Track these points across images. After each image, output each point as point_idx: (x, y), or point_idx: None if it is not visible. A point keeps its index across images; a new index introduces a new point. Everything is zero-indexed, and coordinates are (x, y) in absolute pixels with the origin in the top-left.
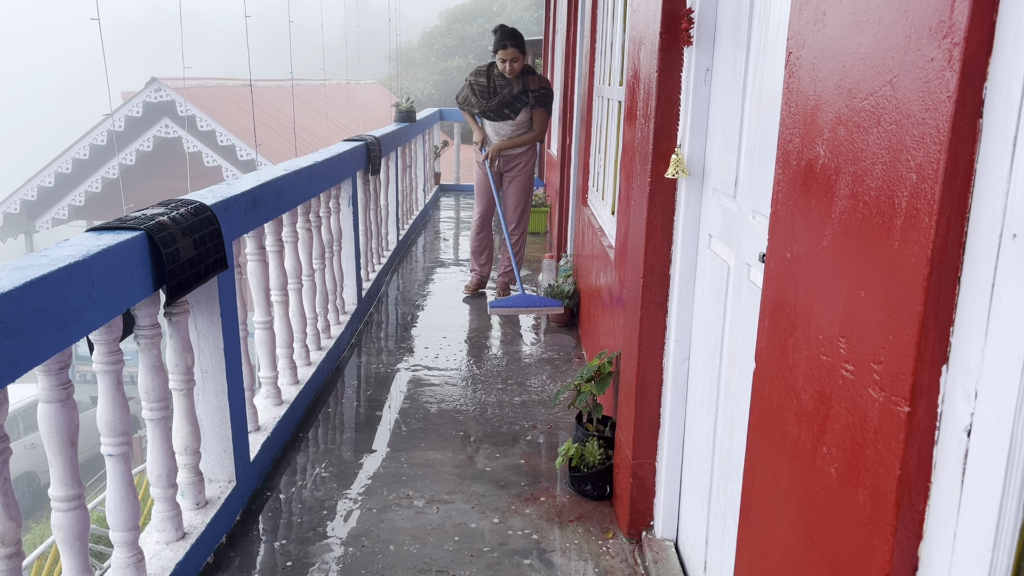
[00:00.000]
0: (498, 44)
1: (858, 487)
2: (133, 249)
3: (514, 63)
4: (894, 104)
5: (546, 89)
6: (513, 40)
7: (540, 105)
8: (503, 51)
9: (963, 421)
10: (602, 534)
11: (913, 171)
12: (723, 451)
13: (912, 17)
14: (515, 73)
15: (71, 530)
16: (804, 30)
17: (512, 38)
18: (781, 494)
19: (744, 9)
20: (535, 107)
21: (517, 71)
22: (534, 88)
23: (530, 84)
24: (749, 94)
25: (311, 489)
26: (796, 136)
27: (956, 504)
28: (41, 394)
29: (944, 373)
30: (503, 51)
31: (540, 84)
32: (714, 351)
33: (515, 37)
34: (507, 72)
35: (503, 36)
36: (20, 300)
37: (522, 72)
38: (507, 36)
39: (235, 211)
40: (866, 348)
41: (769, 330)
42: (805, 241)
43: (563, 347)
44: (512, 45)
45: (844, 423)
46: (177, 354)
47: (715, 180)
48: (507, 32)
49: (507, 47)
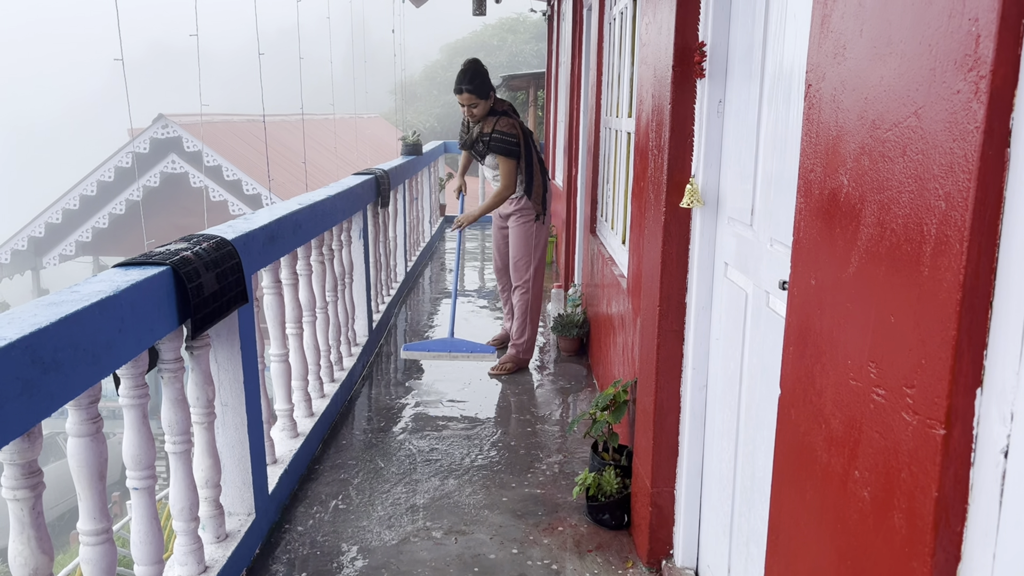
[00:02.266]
0: (455, 89)
1: (893, 510)
2: (160, 284)
3: (472, 108)
4: (920, 135)
5: (500, 134)
6: (468, 84)
7: (496, 152)
8: (458, 96)
9: (1000, 443)
10: (622, 563)
11: (942, 199)
12: (744, 477)
13: (936, 51)
14: (477, 118)
15: (99, 564)
16: (823, 63)
17: (467, 81)
18: (811, 519)
19: (757, 43)
20: (495, 153)
21: (478, 116)
22: (487, 132)
23: (485, 127)
24: (764, 125)
25: (329, 521)
26: (818, 166)
27: (995, 525)
28: (71, 428)
29: (979, 396)
30: (458, 96)
31: (495, 128)
32: (733, 378)
33: (471, 80)
34: (468, 116)
35: (457, 80)
36: (56, 335)
37: (490, 113)
38: (460, 79)
39: (254, 245)
40: (898, 372)
41: (794, 356)
42: (830, 268)
43: (574, 376)
44: (467, 90)
45: (877, 447)
46: (198, 387)
47: (730, 209)
48: (462, 74)
49: (461, 92)
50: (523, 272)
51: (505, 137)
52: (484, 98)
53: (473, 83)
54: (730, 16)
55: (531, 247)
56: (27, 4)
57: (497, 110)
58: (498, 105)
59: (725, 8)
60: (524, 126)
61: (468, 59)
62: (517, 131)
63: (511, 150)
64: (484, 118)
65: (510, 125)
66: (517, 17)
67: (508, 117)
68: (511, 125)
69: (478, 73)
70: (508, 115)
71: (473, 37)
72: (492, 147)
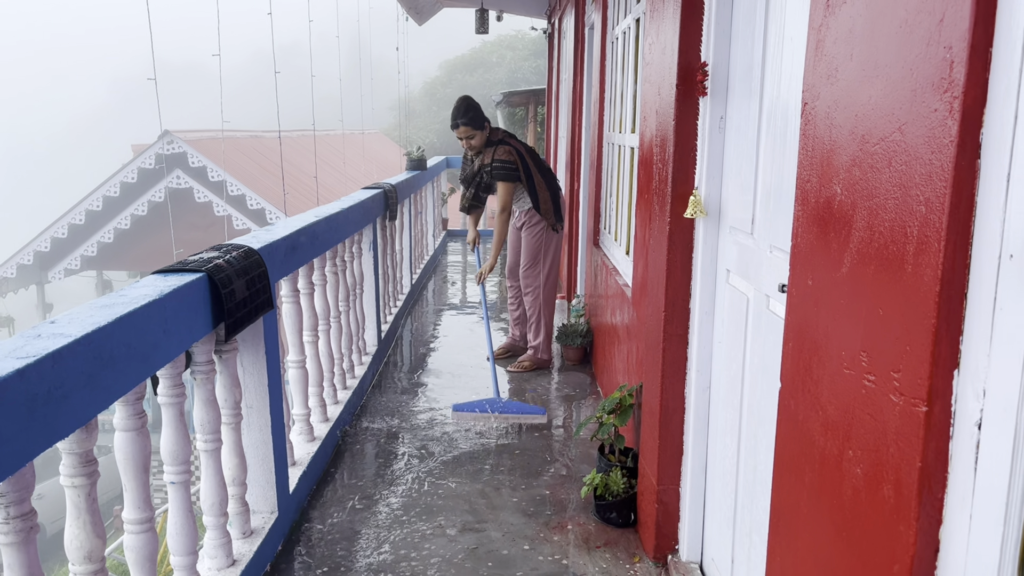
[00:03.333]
0: (451, 125)
1: (883, 483)
2: (196, 289)
3: (471, 140)
4: (903, 148)
5: (500, 163)
6: (464, 117)
7: (496, 179)
8: (456, 131)
9: (974, 417)
10: (629, 559)
11: (922, 204)
12: (747, 471)
13: (916, 74)
14: (476, 149)
15: (142, 551)
16: (818, 84)
17: (462, 115)
18: (810, 498)
19: (756, 63)
20: (498, 180)
21: (478, 146)
22: (487, 163)
23: (485, 159)
24: (764, 140)
25: (347, 521)
26: (814, 177)
27: (971, 489)
28: (119, 423)
29: (956, 376)
30: (456, 131)
31: (494, 157)
32: (735, 378)
33: (465, 113)
34: (468, 149)
35: (453, 116)
36: (113, 334)
37: (487, 143)
38: (457, 115)
39: (277, 255)
40: (886, 359)
41: (793, 351)
42: (825, 270)
43: (579, 384)
44: (463, 123)
45: (868, 428)
46: (226, 390)
47: (731, 219)
48: (456, 111)
49: (458, 126)
50: (533, 278)
51: (505, 164)
52: (480, 129)
53: (467, 116)
54: (731, 37)
55: (540, 254)
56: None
57: (493, 139)
58: (493, 135)
59: (726, 30)
60: (523, 147)
61: (460, 96)
62: (514, 156)
63: (510, 175)
64: (483, 149)
65: (507, 152)
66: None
67: (505, 144)
68: (508, 152)
69: (471, 107)
70: (505, 142)
71: (472, 54)
72: (495, 175)
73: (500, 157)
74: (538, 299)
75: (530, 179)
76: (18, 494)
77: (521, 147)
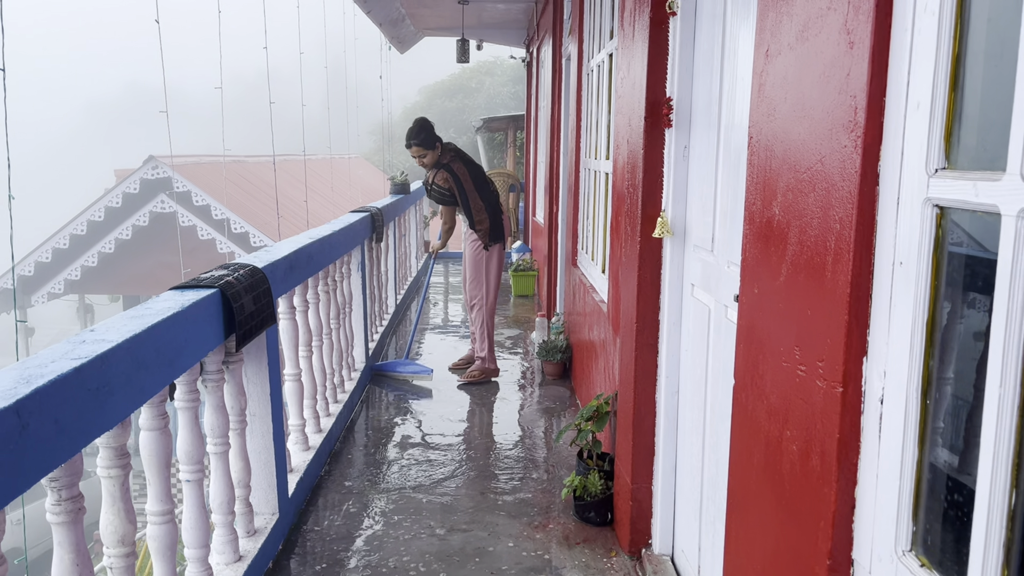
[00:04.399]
0: (405, 144)
1: (812, 455)
2: (212, 304)
3: (423, 159)
4: (824, 176)
5: (437, 187)
6: (416, 138)
7: (434, 200)
8: (409, 151)
9: (878, 393)
10: (606, 553)
11: (837, 223)
12: (710, 465)
13: (832, 116)
14: (428, 167)
15: (164, 540)
16: (760, 121)
17: (413, 136)
18: (758, 476)
19: (714, 99)
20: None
21: (429, 164)
22: (429, 183)
23: (429, 178)
24: (721, 167)
25: (342, 523)
26: (758, 200)
27: (876, 452)
28: (144, 423)
29: (865, 362)
30: (409, 151)
31: (434, 180)
32: (699, 381)
33: (417, 135)
34: (421, 166)
35: (407, 137)
36: (146, 341)
37: (437, 164)
38: (410, 136)
39: (278, 273)
40: (813, 352)
41: (743, 351)
42: (768, 279)
43: (559, 398)
44: (415, 144)
45: (801, 410)
46: (233, 397)
47: (695, 238)
48: (409, 132)
49: (410, 146)
50: (476, 291)
51: (440, 189)
52: (431, 149)
53: (419, 137)
54: (693, 75)
55: (480, 270)
56: None
57: (441, 162)
58: (443, 156)
59: (688, 68)
60: (465, 170)
61: (416, 118)
62: (450, 184)
63: (446, 199)
64: (433, 169)
65: (444, 179)
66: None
67: (445, 170)
68: (445, 179)
69: (423, 128)
70: (447, 167)
71: (451, 79)
72: (432, 196)
73: (438, 183)
74: (482, 312)
75: (466, 202)
76: (69, 479)
77: (463, 170)
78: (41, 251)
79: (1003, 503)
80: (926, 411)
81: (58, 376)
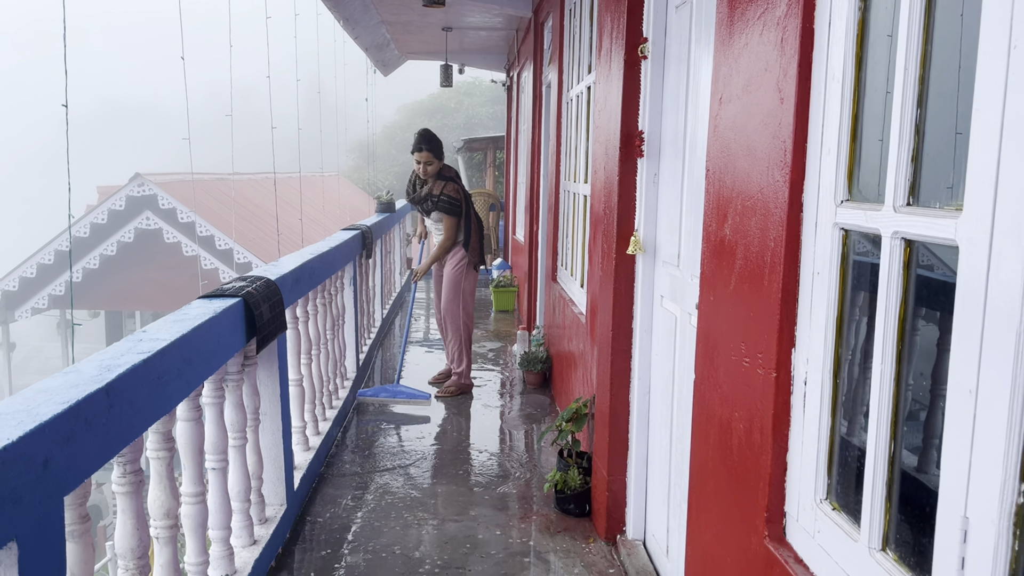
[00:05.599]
0: (414, 147)
1: (753, 430)
2: (237, 311)
3: (428, 166)
4: (762, 204)
5: (448, 197)
6: (429, 144)
7: (442, 211)
8: (417, 153)
9: (803, 376)
10: (585, 540)
11: (772, 241)
12: (677, 455)
13: (769, 157)
14: (428, 175)
15: (196, 519)
16: (715, 155)
17: (428, 142)
18: (713, 455)
19: (680, 132)
20: (440, 211)
21: (431, 174)
22: (436, 194)
23: (434, 189)
24: (686, 192)
25: (343, 514)
26: (713, 222)
27: (802, 423)
28: (181, 414)
29: (794, 352)
30: (417, 153)
31: (443, 191)
32: (668, 381)
33: (431, 142)
34: (421, 173)
35: (419, 139)
36: (190, 341)
37: (438, 175)
38: (423, 140)
39: (287, 285)
40: (756, 346)
41: (702, 350)
42: (721, 288)
43: (540, 405)
44: (427, 149)
45: (746, 395)
46: (248, 397)
47: (664, 255)
48: (424, 136)
49: (422, 150)
50: (455, 310)
51: (452, 200)
52: (439, 159)
53: (432, 144)
54: (662, 112)
55: (459, 288)
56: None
57: (445, 175)
58: (445, 171)
59: (658, 104)
60: (465, 191)
61: (423, 128)
62: (460, 196)
63: (455, 210)
64: (434, 180)
65: (455, 190)
66: (474, 82)
67: (454, 183)
68: (456, 190)
69: (435, 138)
70: (454, 181)
71: (431, 99)
72: (439, 206)
73: (449, 193)
74: (459, 330)
75: (468, 219)
76: (132, 455)
77: (463, 190)
78: (26, 267)
79: (885, 451)
80: (837, 388)
81: (132, 366)
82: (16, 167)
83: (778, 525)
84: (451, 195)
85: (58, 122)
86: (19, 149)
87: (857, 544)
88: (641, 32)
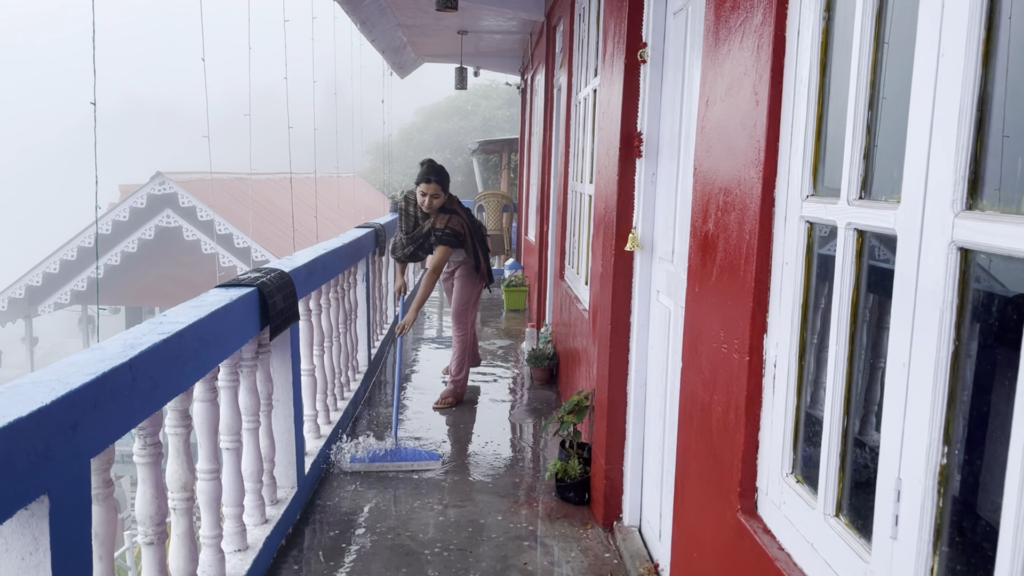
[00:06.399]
0: (421, 177)
1: (730, 411)
2: (252, 299)
3: (434, 199)
4: (740, 200)
5: (451, 231)
6: (437, 177)
7: (440, 243)
8: (425, 184)
9: (773, 359)
10: (583, 526)
11: (748, 234)
12: (669, 443)
13: (746, 155)
14: (433, 209)
15: (211, 494)
16: (702, 155)
17: (436, 174)
18: (696, 436)
19: (676, 134)
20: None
21: (435, 207)
22: (439, 228)
23: (436, 223)
24: (680, 191)
25: (351, 498)
26: (699, 218)
27: (771, 403)
28: (198, 395)
29: (766, 337)
30: (425, 184)
31: (447, 224)
32: (662, 372)
33: (439, 174)
34: (425, 206)
35: (427, 171)
36: (208, 325)
37: (440, 209)
38: (431, 172)
39: (300, 278)
40: (733, 332)
41: (688, 338)
42: (704, 280)
43: (546, 400)
44: (435, 181)
45: (724, 379)
46: (261, 383)
47: (660, 251)
48: (432, 168)
49: (430, 181)
50: (462, 318)
51: (455, 233)
52: (445, 192)
53: (440, 176)
54: (660, 114)
55: (468, 298)
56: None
57: (448, 208)
58: (449, 203)
59: (656, 107)
60: (469, 221)
61: (430, 159)
62: (464, 230)
63: (454, 243)
64: (436, 214)
65: (460, 224)
66: (491, 84)
67: (458, 216)
68: (461, 224)
69: (443, 170)
70: (457, 214)
71: (448, 102)
72: (442, 241)
73: (452, 226)
74: (464, 337)
75: (474, 246)
76: (152, 428)
77: (468, 221)
78: (50, 262)
79: (839, 426)
80: (802, 370)
81: (153, 344)
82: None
83: (750, 499)
84: (455, 228)
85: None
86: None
87: (814, 512)
88: (641, 37)
